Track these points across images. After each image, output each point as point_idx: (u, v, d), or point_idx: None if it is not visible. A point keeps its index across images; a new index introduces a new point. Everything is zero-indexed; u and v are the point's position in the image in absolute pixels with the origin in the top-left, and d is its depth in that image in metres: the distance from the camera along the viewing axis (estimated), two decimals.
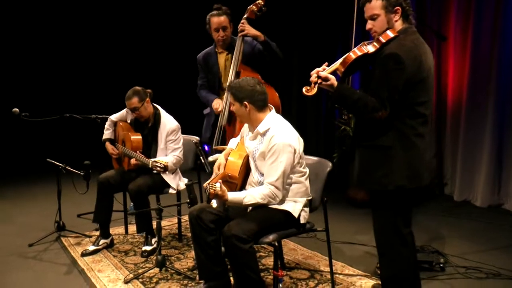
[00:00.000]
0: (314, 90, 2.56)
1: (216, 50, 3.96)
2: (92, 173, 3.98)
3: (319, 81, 2.57)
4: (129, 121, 4.13)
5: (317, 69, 2.62)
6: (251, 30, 3.72)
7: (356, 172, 2.76)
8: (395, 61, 2.47)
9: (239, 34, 3.74)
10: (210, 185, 2.69)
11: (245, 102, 2.91)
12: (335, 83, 2.57)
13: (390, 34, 2.57)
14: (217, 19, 3.83)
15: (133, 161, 3.85)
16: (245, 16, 3.76)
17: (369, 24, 2.64)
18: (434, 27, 5.26)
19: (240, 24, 3.74)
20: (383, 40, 2.56)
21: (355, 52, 2.57)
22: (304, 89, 2.59)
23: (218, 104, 3.82)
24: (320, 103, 6.58)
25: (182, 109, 5.88)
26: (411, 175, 2.61)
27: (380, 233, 2.75)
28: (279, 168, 2.79)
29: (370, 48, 2.58)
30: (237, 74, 3.69)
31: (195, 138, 4.34)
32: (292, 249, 3.98)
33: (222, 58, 3.95)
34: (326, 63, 2.66)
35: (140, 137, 3.99)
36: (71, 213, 4.68)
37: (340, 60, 2.61)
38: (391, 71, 2.48)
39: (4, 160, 7.06)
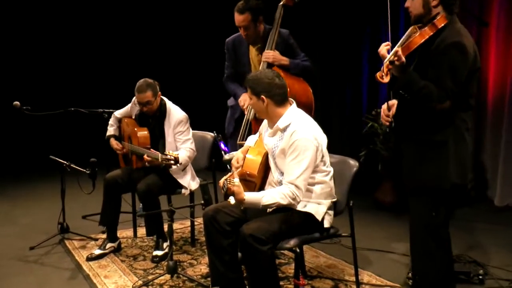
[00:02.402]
0: (388, 77, 2.51)
1: None
2: (99, 171, 4.02)
3: (395, 58, 2.48)
4: (133, 117, 4.16)
5: (384, 46, 2.57)
6: (276, 58, 3.68)
7: (407, 168, 2.77)
8: (460, 51, 2.51)
9: (263, 59, 3.70)
10: (228, 180, 2.70)
11: (262, 96, 2.91)
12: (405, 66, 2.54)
13: (442, 21, 2.59)
14: (236, 17, 3.74)
15: (146, 156, 3.81)
16: (281, 3, 3.73)
17: (408, 2, 2.70)
18: (475, 12, 5.18)
19: (265, 53, 3.69)
20: (439, 26, 2.58)
21: (418, 38, 2.55)
22: (378, 75, 2.53)
23: (244, 101, 3.78)
24: (344, 97, 6.55)
25: (194, 103, 5.91)
26: (461, 171, 2.66)
27: (417, 234, 2.77)
28: (300, 166, 2.78)
29: (429, 31, 2.58)
30: (269, 66, 3.67)
31: (210, 134, 4.37)
32: (315, 256, 3.98)
33: (253, 48, 3.89)
34: (388, 42, 2.61)
35: (147, 132, 4.01)
36: (76, 214, 4.75)
37: (401, 43, 2.58)
38: (457, 62, 2.52)
39: (5, 157, 7.16)
